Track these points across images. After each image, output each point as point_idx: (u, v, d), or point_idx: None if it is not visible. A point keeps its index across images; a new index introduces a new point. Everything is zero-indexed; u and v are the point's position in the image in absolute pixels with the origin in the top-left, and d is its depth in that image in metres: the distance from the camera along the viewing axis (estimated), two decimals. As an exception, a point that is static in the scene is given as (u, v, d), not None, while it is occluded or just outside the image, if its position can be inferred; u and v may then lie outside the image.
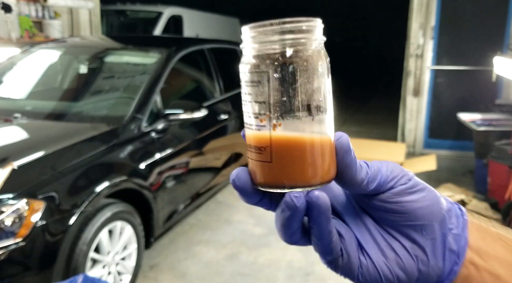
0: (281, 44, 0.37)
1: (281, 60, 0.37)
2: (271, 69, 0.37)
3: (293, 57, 0.37)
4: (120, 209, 2.68)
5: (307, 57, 0.38)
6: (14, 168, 2.26)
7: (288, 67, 0.37)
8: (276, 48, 0.37)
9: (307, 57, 0.38)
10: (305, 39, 0.38)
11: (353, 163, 0.41)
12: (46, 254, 2.25)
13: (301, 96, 0.38)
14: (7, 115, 3.04)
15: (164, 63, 3.46)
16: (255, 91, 0.38)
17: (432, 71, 6.24)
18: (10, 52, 4.23)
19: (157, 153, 3.02)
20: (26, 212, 2.16)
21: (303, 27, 0.38)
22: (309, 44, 0.38)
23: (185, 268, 3.24)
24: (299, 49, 0.38)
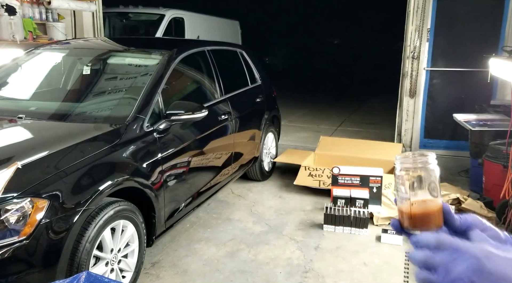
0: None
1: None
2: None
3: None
4: (123, 208, 2.71)
5: (430, 171, 0.71)
6: (18, 167, 2.29)
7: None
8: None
9: (430, 171, 0.71)
10: (427, 162, 0.71)
11: (454, 215, 0.70)
12: (50, 252, 2.26)
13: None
14: (11, 115, 3.09)
15: (166, 64, 3.50)
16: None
17: (428, 73, 6.28)
18: (14, 53, 4.29)
19: (158, 152, 3.06)
20: (30, 210, 2.18)
21: (427, 159, 0.71)
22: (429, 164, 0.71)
23: (186, 265, 3.28)
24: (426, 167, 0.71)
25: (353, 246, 3.63)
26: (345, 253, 3.53)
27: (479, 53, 5.75)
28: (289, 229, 3.95)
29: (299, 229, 3.96)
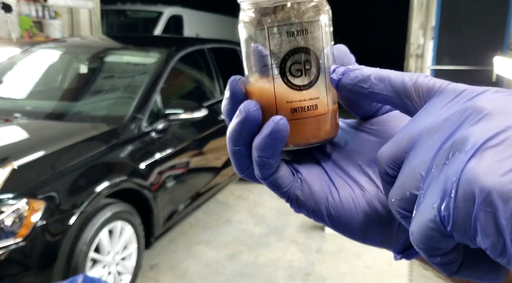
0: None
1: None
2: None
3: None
4: (120, 209, 2.68)
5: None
6: (14, 167, 2.26)
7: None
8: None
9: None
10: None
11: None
12: (46, 254, 2.25)
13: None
14: (7, 115, 3.04)
15: (164, 63, 3.46)
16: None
17: (432, 71, 6.24)
18: (10, 52, 4.24)
19: (157, 152, 3.02)
20: (26, 212, 2.16)
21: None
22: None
23: (185, 268, 3.24)
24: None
25: (355, 248, 3.59)
26: (347, 256, 3.49)
27: (484, 51, 5.71)
28: (290, 231, 3.91)
29: (301, 231, 3.92)
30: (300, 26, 0.36)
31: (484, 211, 0.24)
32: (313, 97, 0.38)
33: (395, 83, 0.35)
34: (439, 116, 0.29)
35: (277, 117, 0.35)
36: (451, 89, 0.32)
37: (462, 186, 0.24)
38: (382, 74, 0.35)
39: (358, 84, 0.36)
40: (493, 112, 0.26)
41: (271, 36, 0.36)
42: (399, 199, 0.30)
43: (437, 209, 0.26)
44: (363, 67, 0.37)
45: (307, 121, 0.38)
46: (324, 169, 0.40)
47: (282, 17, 0.36)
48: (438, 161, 0.27)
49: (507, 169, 0.23)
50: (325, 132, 0.39)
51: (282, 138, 0.35)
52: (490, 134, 0.25)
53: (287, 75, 0.37)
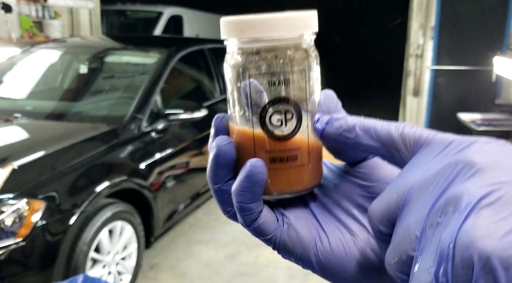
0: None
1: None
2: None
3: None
4: (120, 209, 2.68)
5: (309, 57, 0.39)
6: (14, 167, 2.26)
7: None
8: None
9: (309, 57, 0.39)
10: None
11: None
12: (47, 254, 2.25)
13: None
14: (7, 115, 3.04)
15: (164, 63, 3.46)
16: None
17: (432, 71, 6.24)
18: (10, 52, 4.23)
19: (157, 152, 3.03)
20: (26, 211, 2.16)
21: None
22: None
23: (185, 268, 3.24)
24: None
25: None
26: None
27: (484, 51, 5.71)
28: (289, 230, 3.91)
29: (300, 230, 3.92)
30: (283, 76, 0.35)
31: (484, 279, 0.22)
32: (293, 148, 0.36)
33: (381, 134, 0.33)
34: (429, 170, 0.28)
35: (253, 160, 0.34)
36: (439, 140, 0.30)
37: (459, 251, 0.23)
38: (367, 124, 0.34)
39: (342, 134, 0.35)
40: (485, 167, 0.25)
41: (252, 84, 0.35)
42: (397, 262, 0.28)
43: (434, 275, 0.24)
44: (347, 116, 0.36)
45: (287, 171, 0.36)
46: (312, 212, 0.38)
47: (264, 66, 0.35)
48: (432, 219, 0.26)
49: (506, 231, 0.22)
50: (306, 182, 0.37)
51: (259, 181, 0.34)
52: (484, 192, 0.23)
53: (267, 124, 0.36)
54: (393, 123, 0.34)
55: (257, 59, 0.35)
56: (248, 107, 0.36)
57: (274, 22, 0.35)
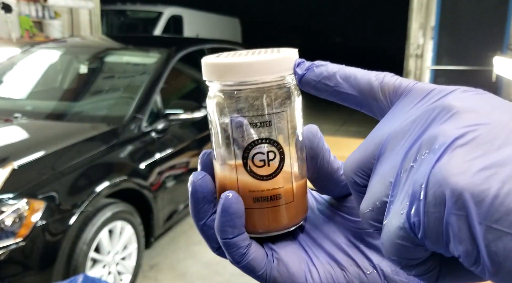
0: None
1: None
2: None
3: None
4: (120, 209, 2.68)
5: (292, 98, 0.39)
6: (14, 167, 2.26)
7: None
8: None
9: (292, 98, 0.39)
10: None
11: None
12: (46, 254, 2.25)
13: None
14: (7, 115, 3.04)
15: (164, 63, 3.46)
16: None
17: (432, 71, 6.25)
18: (10, 52, 4.23)
19: (157, 152, 3.02)
20: (26, 211, 2.16)
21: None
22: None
23: (185, 268, 3.24)
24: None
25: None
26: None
27: (484, 51, 5.71)
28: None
29: (300, 230, 3.92)
30: (265, 117, 0.35)
31: (456, 214, 0.21)
32: (276, 187, 0.36)
33: (361, 82, 0.32)
34: (407, 118, 0.27)
35: (225, 193, 0.34)
36: (419, 89, 0.30)
37: (432, 188, 0.22)
38: (348, 72, 0.33)
39: (322, 82, 0.34)
40: (462, 111, 0.24)
41: (234, 125, 0.35)
42: (370, 210, 0.28)
43: (406, 215, 0.24)
44: (328, 63, 0.35)
45: (271, 210, 0.36)
46: (302, 245, 0.37)
47: (246, 107, 0.35)
48: (406, 164, 0.25)
49: (479, 168, 0.21)
50: (292, 219, 0.37)
51: (236, 212, 0.34)
52: (460, 133, 0.23)
53: (250, 165, 0.35)
54: (374, 72, 0.33)
55: (239, 101, 0.35)
56: (231, 148, 0.36)
57: (255, 66, 0.34)
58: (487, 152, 0.22)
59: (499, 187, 0.21)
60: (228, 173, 0.36)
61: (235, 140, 0.36)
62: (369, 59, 20.07)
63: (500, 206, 0.20)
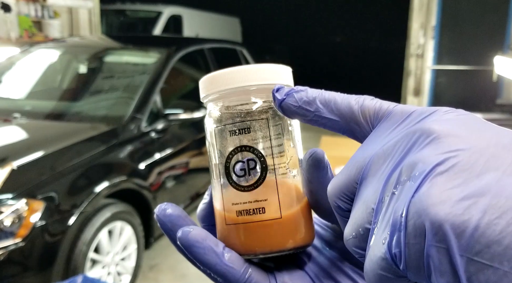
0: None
1: None
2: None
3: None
4: (120, 209, 2.67)
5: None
6: (13, 168, 2.25)
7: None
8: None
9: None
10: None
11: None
12: (46, 255, 2.24)
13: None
14: (6, 115, 3.03)
15: (164, 63, 3.45)
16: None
17: (432, 71, 6.24)
18: (9, 52, 4.22)
19: (157, 153, 3.02)
20: (26, 212, 2.15)
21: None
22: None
23: (185, 269, 3.23)
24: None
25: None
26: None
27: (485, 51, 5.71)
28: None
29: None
30: (242, 125, 0.35)
31: (437, 246, 0.21)
32: (259, 199, 0.34)
33: (341, 107, 0.32)
34: (388, 141, 0.27)
35: (178, 233, 0.33)
36: (399, 112, 0.29)
37: (412, 219, 0.22)
38: (328, 97, 0.33)
39: (303, 107, 0.33)
40: (441, 135, 0.24)
41: (217, 135, 0.36)
42: (354, 237, 0.27)
43: (387, 246, 0.23)
44: (308, 88, 0.34)
45: (254, 226, 0.34)
46: (308, 274, 0.36)
47: (226, 116, 0.35)
48: (388, 190, 0.24)
49: (459, 197, 0.21)
50: (281, 241, 0.35)
51: (195, 242, 0.32)
52: (439, 159, 0.22)
53: (231, 175, 0.35)
54: (354, 95, 0.33)
55: (221, 111, 0.36)
56: (217, 158, 0.36)
57: (234, 74, 0.35)
58: (467, 180, 0.21)
59: (479, 217, 0.20)
60: (216, 187, 0.36)
61: (218, 150, 0.36)
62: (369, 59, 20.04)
63: (481, 237, 0.20)
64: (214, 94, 0.36)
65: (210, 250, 0.32)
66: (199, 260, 0.33)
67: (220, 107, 0.36)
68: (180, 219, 0.35)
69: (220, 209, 0.35)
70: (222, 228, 0.35)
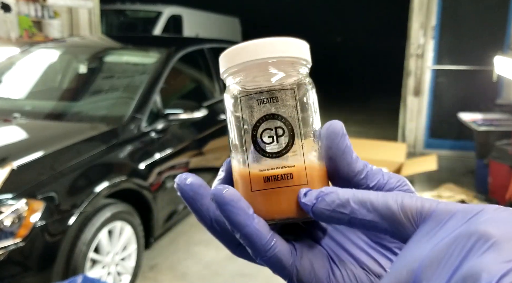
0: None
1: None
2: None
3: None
4: (120, 209, 2.67)
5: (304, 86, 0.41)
6: (13, 168, 2.25)
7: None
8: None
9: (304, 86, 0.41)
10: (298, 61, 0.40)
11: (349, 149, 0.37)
12: (46, 255, 2.24)
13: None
14: (6, 115, 3.03)
15: (163, 63, 3.44)
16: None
17: (432, 71, 6.23)
18: (9, 52, 4.22)
19: (156, 153, 3.01)
20: (26, 212, 2.15)
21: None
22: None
23: (185, 268, 3.23)
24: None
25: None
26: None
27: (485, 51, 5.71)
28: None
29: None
30: (271, 94, 0.36)
31: None
32: (287, 166, 0.35)
33: (379, 207, 0.31)
34: (437, 243, 0.26)
35: (213, 187, 0.34)
36: (443, 210, 0.28)
37: None
38: (362, 197, 0.32)
39: (337, 210, 0.32)
40: (501, 240, 0.23)
41: (243, 105, 0.36)
42: None
43: None
44: (337, 189, 0.33)
45: (282, 191, 0.35)
46: (323, 247, 0.37)
47: (253, 86, 0.36)
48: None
49: None
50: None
51: (233, 197, 0.33)
52: (505, 269, 0.21)
53: (259, 142, 0.36)
54: (388, 194, 0.32)
55: (247, 80, 0.37)
56: (242, 131, 0.37)
57: (259, 45, 0.36)
58: None
59: None
60: (240, 156, 0.37)
61: (244, 120, 0.36)
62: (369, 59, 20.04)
63: None
64: (237, 66, 0.37)
65: (243, 211, 0.33)
66: (231, 219, 0.33)
67: (246, 78, 0.37)
68: (201, 188, 0.36)
69: (245, 177, 0.36)
70: (248, 195, 0.36)
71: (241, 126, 0.37)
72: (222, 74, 0.39)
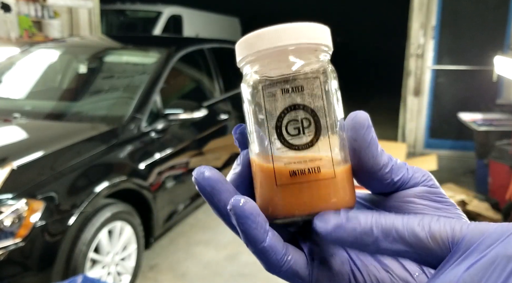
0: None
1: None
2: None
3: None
4: (120, 209, 2.67)
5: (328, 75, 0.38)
6: (13, 168, 2.25)
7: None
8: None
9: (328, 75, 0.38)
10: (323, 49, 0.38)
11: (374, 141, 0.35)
12: (46, 255, 2.24)
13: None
14: (6, 115, 3.03)
15: (164, 63, 3.44)
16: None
17: (432, 71, 6.23)
18: (9, 52, 4.22)
19: (156, 153, 3.01)
20: (26, 212, 2.15)
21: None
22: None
23: (185, 269, 3.23)
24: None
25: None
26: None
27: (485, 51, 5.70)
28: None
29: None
30: (295, 83, 0.34)
31: None
32: (315, 158, 0.34)
33: (405, 236, 0.30)
34: (473, 265, 0.26)
35: (233, 198, 0.32)
36: (475, 233, 0.28)
37: None
38: (386, 225, 0.30)
39: (359, 238, 0.31)
40: None
41: (265, 95, 0.34)
42: None
43: None
44: (358, 215, 0.31)
45: (309, 186, 0.34)
46: (343, 248, 0.35)
47: (277, 76, 0.34)
48: None
49: None
50: (334, 200, 0.34)
51: (249, 215, 0.31)
52: None
53: (284, 134, 0.34)
54: (414, 218, 0.30)
55: (268, 68, 0.35)
56: (264, 122, 0.34)
57: (280, 31, 0.34)
58: None
59: None
60: (263, 149, 0.35)
61: (267, 110, 0.34)
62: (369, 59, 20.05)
63: None
64: (256, 54, 0.34)
65: (261, 227, 0.32)
66: (247, 234, 0.32)
67: (266, 66, 0.35)
68: (219, 183, 0.34)
69: (269, 171, 0.34)
70: (271, 190, 0.34)
71: (264, 118, 0.34)
72: (239, 63, 0.36)
